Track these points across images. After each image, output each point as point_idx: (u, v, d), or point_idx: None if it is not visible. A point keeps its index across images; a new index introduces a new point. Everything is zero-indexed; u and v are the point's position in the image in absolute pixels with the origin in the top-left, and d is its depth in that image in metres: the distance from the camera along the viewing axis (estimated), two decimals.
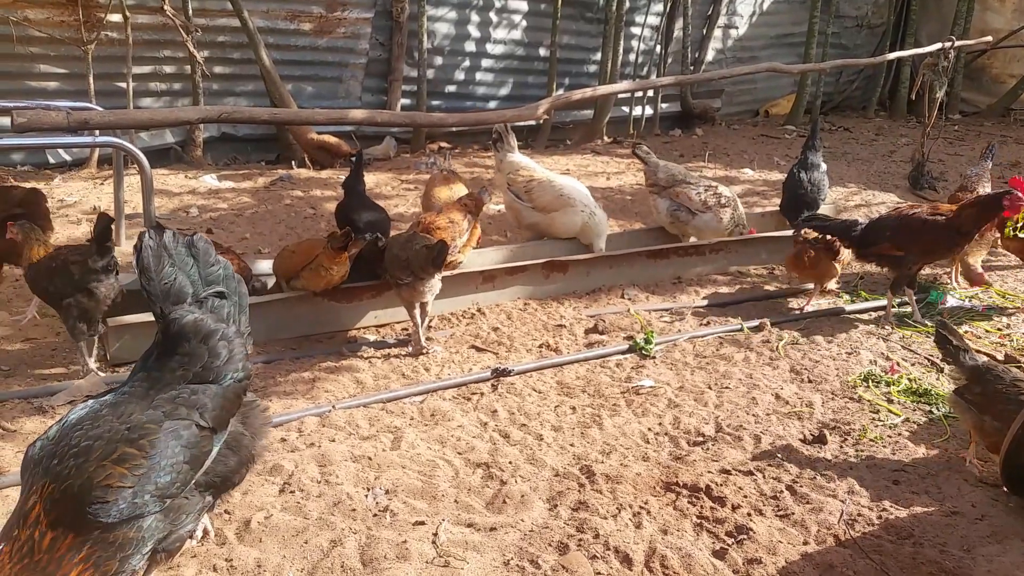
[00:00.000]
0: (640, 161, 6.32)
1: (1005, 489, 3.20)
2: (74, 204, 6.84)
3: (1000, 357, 4.40)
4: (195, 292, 2.54)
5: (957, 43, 8.51)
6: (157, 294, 2.47)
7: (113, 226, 3.98)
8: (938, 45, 8.30)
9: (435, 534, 2.86)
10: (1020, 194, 4.66)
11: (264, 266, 4.92)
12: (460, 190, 5.52)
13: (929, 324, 4.80)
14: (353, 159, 5.76)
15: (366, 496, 3.07)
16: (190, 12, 8.14)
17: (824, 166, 6.48)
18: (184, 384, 2.38)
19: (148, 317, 4.14)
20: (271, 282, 4.81)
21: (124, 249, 5.79)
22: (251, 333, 2.70)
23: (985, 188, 5.88)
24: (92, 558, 2.07)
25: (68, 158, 8.20)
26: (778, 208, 6.56)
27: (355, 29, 9.58)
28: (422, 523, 2.92)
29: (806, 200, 6.26)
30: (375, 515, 2.96)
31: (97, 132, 5.27)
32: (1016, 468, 3.10)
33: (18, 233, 4.03)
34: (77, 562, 2.04)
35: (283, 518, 2.91)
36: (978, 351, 3.87)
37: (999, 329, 4.90)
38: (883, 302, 5.10)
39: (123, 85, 8.00)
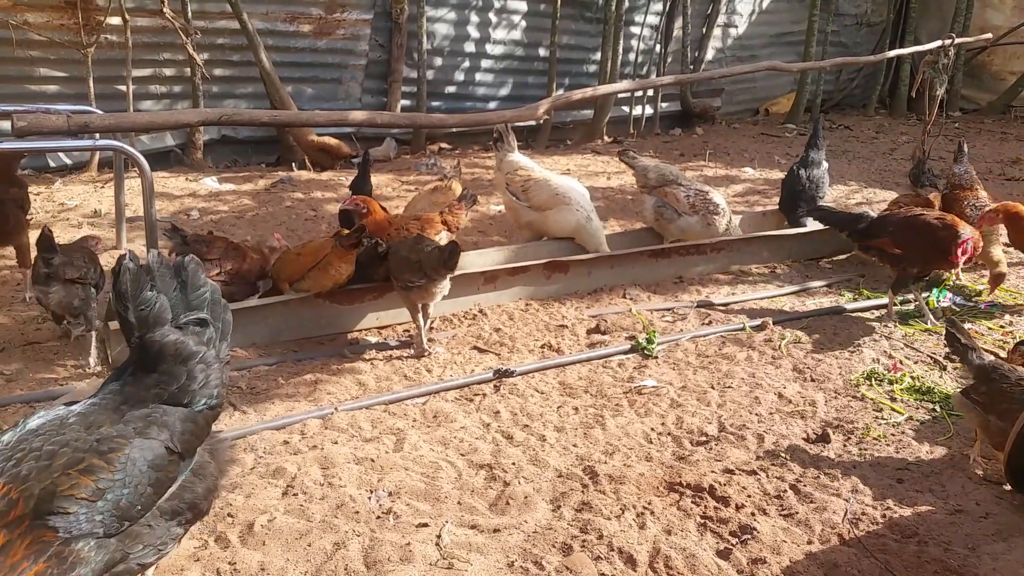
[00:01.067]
0: (628, 166, 6.32)
1: (1009, 487, 3.19)
2: (75, 208, 6.84)
3: (1003, 355, 4.39)
4: (175, 317, 2.46)
5: (957, 40, 8.48)
6: (131, 321, 2.39)
7: (49, 234, 4.03)
8: (938, 42, 8.27)
9: (439, 536, 2.85)
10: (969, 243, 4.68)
11: None
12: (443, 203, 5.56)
13: (938, 324, 4.79)
14: (355, 160, 5.77)
15: (369, 498, 3.06)
16: (189, 14, 8.14)
17: (825, 164, 6.47)
18: (158, 403, 2.32)
19: None
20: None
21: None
22: (229, 361, 2.64)
23: (979, 187, 5.85)
24: (46, 574, 1.94)
25: (69, 161, 8.20)
26: (778, 206, 6.55)
27: (354, 31, 9.58)
28: (425, 525, 2.91)
29: (804, 197, 6.26)
30: (378, 517, 2.96)
31: (97, 135, 5.28)
32: (1020, 466, 3.09)
33: None
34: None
35: (286, 521, 2.91)
36: (986, 350, 3.86)
37: (1002, 327, 4.90)
38: (884, 300, 5.09)
39: (123, 88, 8.00)
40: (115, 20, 7.86)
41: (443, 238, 4.90)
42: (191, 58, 8.09)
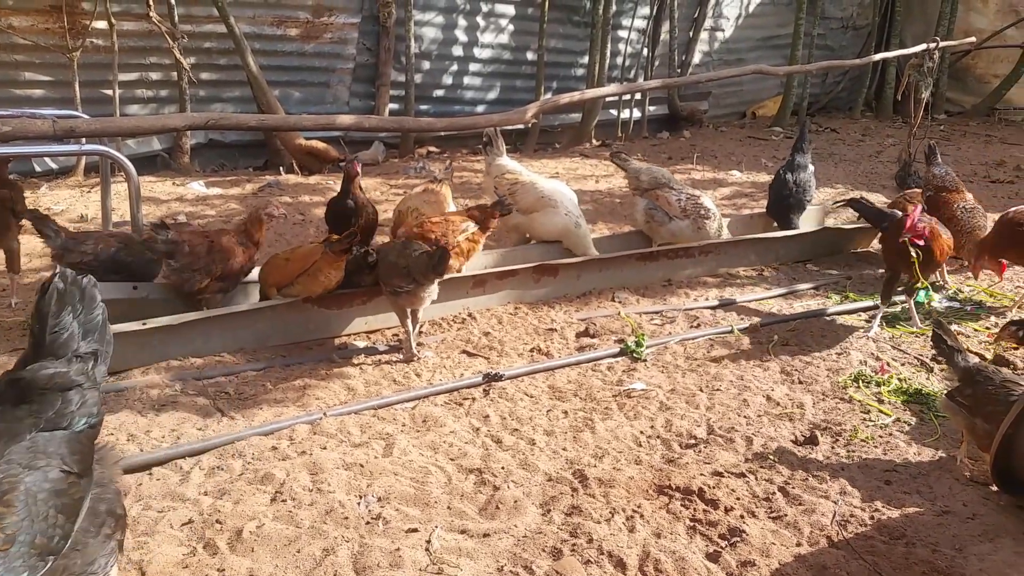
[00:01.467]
0: (620, 168, 6.34)
1: (995, 488, 3.21)
2: (61, 212, 6.80)
3: (989, 357, 4.42)
4: (77, 346, 2.36)
5: (942, 44, 8.57)
6: (42, 346, 2.28)
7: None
8: (923, 46, 8.36)
9: (428, 541, 2.85)
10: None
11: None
12: (429, 204, 5.55)
13: (923, 327, 4.83)
14: (343, 164, 5.75)
15: (358, 504, 3.05)
16: (176, 19, 8.12)
17: (811, 167, 6.49)
18: (36, 431, 2.19)
19: (137, 326, 4.14)
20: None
21: None
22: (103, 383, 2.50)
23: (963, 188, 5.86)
24: None
25: (55, 166, 8.16)
26: (765, 210, 6.58)
27: (342, 34, 9.58)
28: (415, 530, 2.91)
29: (791, 202, 6.28)
30: (368, 523, 2.95)
31: (84, 140, 5.25)
32: (1006, 467, 3.11)
33: None
34: None
35: (275, 527, 2.89)
36: (971, 351, 3.89)
37: (987, 328, 4.93)
38: (868, 303, 5.12)
39: (109, 92, 7.97)
40: (101, 24, 7.83)
41: (470, 228, 4.94)
42: (178, 62, 8.06)
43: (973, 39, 11.49)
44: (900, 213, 5.02)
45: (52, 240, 4.53)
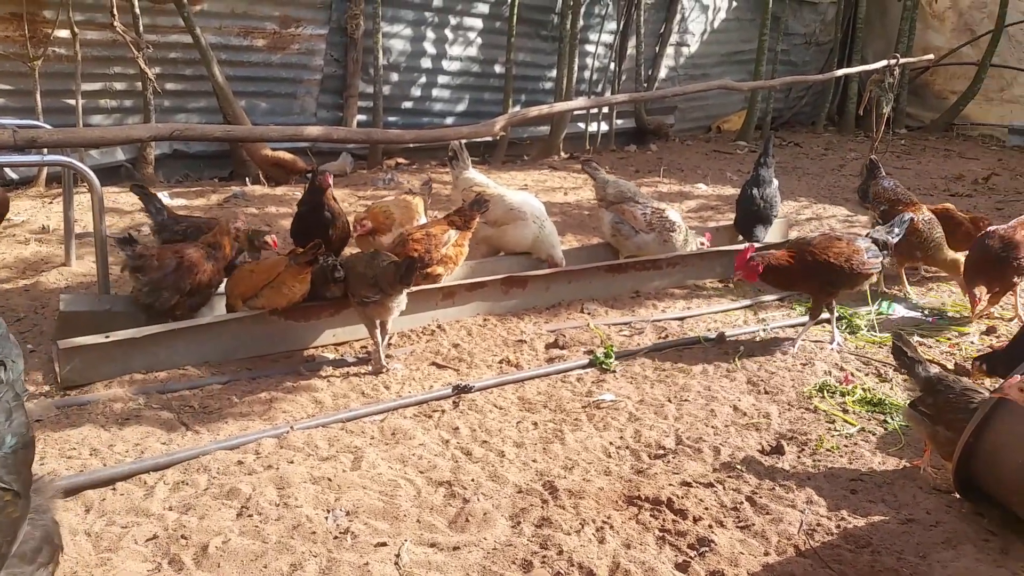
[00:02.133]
0: (590, 177, 6.38)
1: (958, 495, 3.26)
2: (22, 224, 6.67)
3: (950, 367, 4.51)
4: None
5: (901, 60, 8.76)
6: None
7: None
8: (884, 62, 8.54)
9: (397, 555, 2.82)
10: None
11: None
12: (404, 207, 5.56)
13: (878, 336, 4.91)
14: (310, 175, 5.71)
15: (326, 518, 3.02)
16: (141, 28, 8.02)
17: (776, 182, 6.58)
18: None
19: (101, 339, 4.08)
20: None
21: (75, 269, 5.68)
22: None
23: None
24: None
25: (15, 176, 8.00)
26: (732, 223, 6.65)
27: (309, 45, 9.54)
28: (384, 544, 2.88)
29: (760, 216, 6.36)
30: (336, 537, 2.92)
31: (46, 150, 5.17)
32: (968, 474, 3.17)
33: None
34: None
35: (241, 542, 2.85)
36: (931, 361, 3.95)
37: (948, 339, 5.02)
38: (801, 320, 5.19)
39: (72, 102, 7.83)
40: (63, 33, 7.71)
41: (452, 237, 5.05)
42: (142, 72, 7.95)
43: (931, 56, 11.78)
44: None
45: (154, 216, 4.89)
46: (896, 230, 4.95)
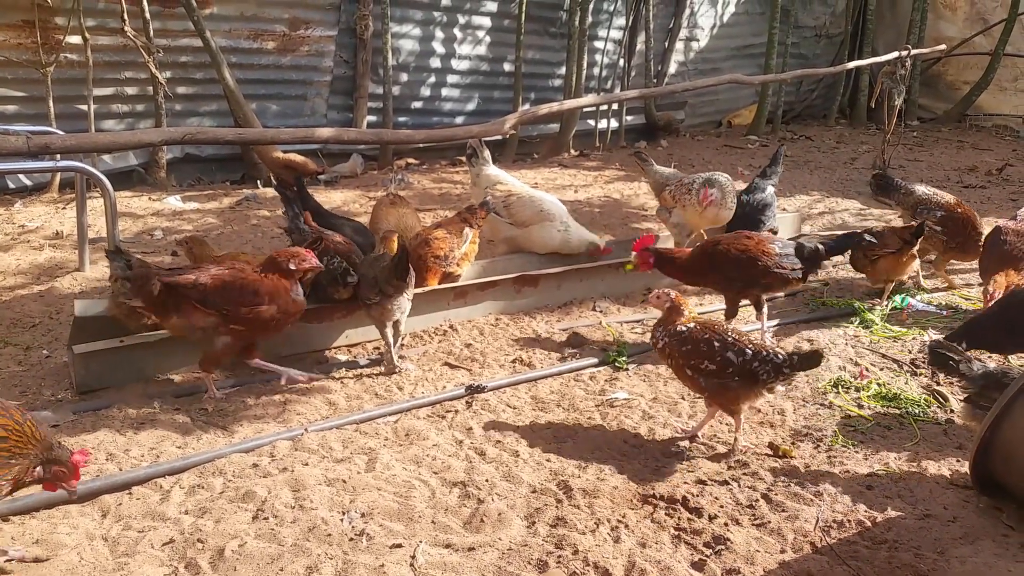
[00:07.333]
0: (641, 168, 6.51)
1: (975, 490, 3.24)
2: (36, 229, 6.72)
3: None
4: None
5: (913, 51, 8.69)
6: None
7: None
8: (895, 53, 8.47)
9: (413, 556, 2.83)
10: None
11: None
12: (408, 213, 5.56)
13: (895, 329, 4.87)
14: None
15: (341, 520, 3.03)
16: (151, 33, 8.05)
17: (771, 190, 6.33)
18: None
19: (115, 343, 4.11)
20: None
21: (88, 274, 5.71)
22: None
23: None
24: None
25: (29, 183, 8.06)
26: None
27: (319, 47, 9.55)
28: (399, 546, 2.89)
29: (745, 220, 6.26)
30: (351, 539, 2.93)
31: (59, 156, 5.20)
32: (985, 469, 3.14)
33: None
34: None
35: (257, 545, 2.86)
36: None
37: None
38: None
39: (84, 108, 7.88)
40: (75, 39, 7.75)
41: (469, 235, 5.12)
42: (153, 76, 8.00)
43: (943, 46, 11.67)
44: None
45: (291, 220, 4.95)
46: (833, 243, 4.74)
